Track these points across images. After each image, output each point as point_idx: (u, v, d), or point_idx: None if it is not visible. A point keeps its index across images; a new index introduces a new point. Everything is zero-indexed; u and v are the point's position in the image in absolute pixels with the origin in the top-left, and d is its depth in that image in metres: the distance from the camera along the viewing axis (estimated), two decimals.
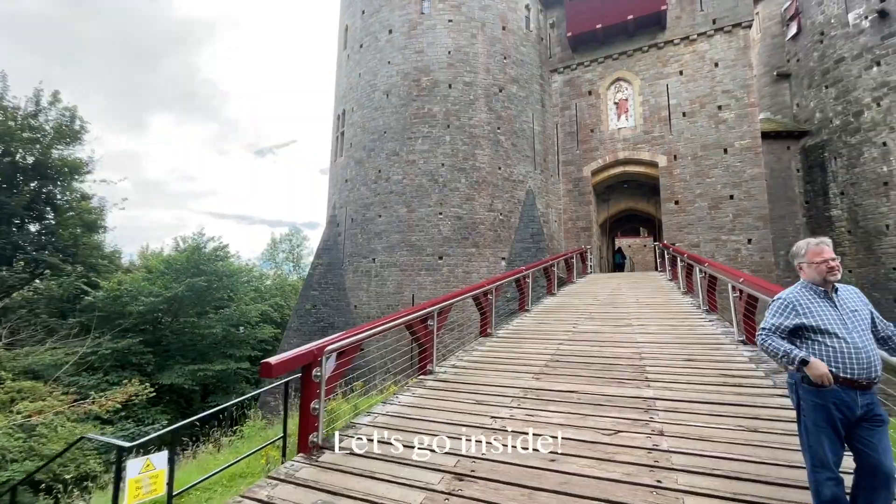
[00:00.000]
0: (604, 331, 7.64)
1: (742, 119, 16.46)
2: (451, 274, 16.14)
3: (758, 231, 15.90)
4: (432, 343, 6.24)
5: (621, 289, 11.78)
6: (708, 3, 17.28)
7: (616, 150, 18.46)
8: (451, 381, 5.69)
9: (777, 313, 2.69)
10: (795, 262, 2.85)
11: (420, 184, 16.94)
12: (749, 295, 6.11)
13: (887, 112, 17.91)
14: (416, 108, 17.48)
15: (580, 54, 19.46)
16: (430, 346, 6.22)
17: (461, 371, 6.09)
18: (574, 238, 18.81)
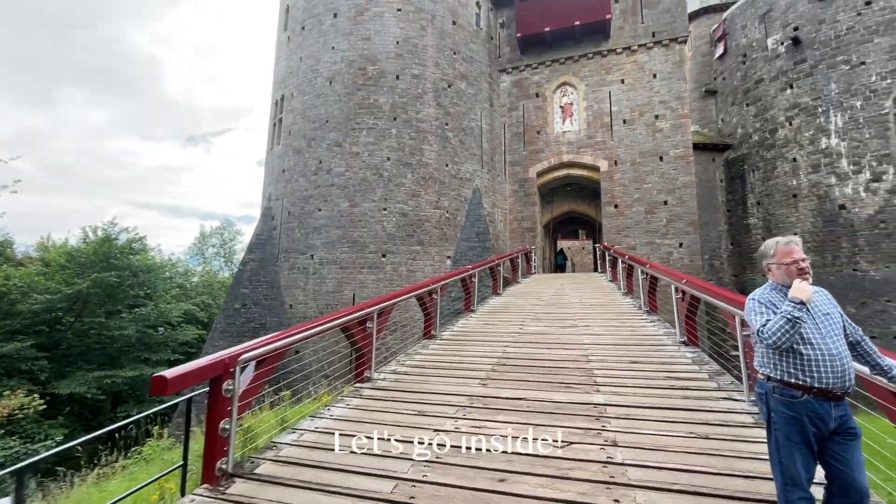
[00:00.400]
0: (550, 332, 7.46)
1: (676, 129, 17.34)
2: (395, 272, 15.54)
3: (688, 236, 16.82)
4: (371, 347, 5.67)
5: (565, 289, 11.83)
6: (648, 17, 18.04)
7: (561, 153, 18.79)
8: (391, 390, 5.17)
9: (760, 312, 2.45)
10: (764, 262, 2.64)
11: (364, 177, 16.16)
12: (692, 296, 6.14)
13: (798, 131, 19.72)
14: (362, 97, 16.68)
15: (529, 56, 19.61)
16: (368, 350, 5.65)
17: (402, 377, 5.58)
18: (519, 238, 18.91)
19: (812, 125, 19.22)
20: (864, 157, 17.87)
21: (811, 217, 19.07)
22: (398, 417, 4.31)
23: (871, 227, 17.55)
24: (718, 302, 4.91)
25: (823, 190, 18.76)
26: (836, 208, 18.34)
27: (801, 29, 19.74)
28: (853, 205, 17.97)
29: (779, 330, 2.26)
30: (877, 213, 17.47)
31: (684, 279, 6.40)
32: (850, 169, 18.15)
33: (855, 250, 17.76)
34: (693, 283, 5.88)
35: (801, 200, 19.45)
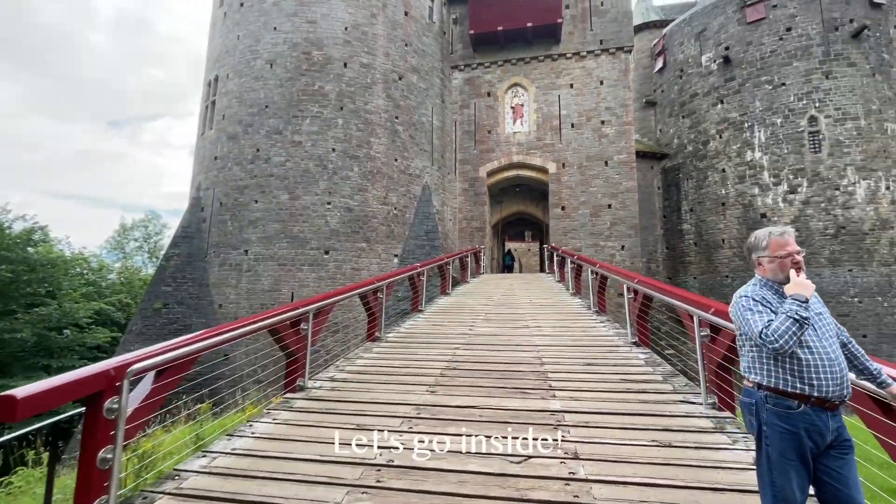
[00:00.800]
0: (501, 333, 7.13)
1: (621, 135, 17.90)
2: (339, 270, 14.67)
3: (630, 239, 17.40)
4: (305, 352, 5.00)
5: (514, 289, 11.66)
6: (597, 25, 18.51)
7: (511, 154, 18.80)
8: (327, 400, 4.54)
9: (759, 311, 2.13)
10: (754, 256, 2.35)
11: (306, 168, 15.14)
12: (645, 296, 6.03)
13: (727, 144, 21.14)
14: (306, 83, 15.63)
15: (481, 54, 19.46)
16: (302, 355, 4.97)
17: (341, 385, 4.96)
18: (468, 238, 18.67)
19: (739, 139, 20.68)
20: (783, 171, 19.47)
21: (737, 224, 20.49)
22: (333, 433, 3.71)
23: None
24: (676, 301, 4.76)
25: (748, 199, 20.23)
26: (759, 217, 19.83)
27: (731, 49, 21.20)
28: (773, 214, 19.51)
29: (786, 332, 1.95)
30: (792, 221, 19.05)
31: (636, 278, 6.30)
32: (770, 181, 19.69)
33: None
34: (647, 283, 5.76)
35: (729, 208, 20.86)
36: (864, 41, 19.19)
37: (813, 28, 19.53)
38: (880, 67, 19.12)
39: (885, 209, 18.23)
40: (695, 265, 22.11)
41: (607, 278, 8.27)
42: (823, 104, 19.10)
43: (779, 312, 2.05)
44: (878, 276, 17.85)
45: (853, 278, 17.95)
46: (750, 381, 2.21)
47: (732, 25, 21.30)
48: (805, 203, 18.89)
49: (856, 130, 18.68)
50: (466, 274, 13.49)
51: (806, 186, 18.96)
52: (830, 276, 18.16)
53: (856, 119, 18.74)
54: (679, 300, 4.75)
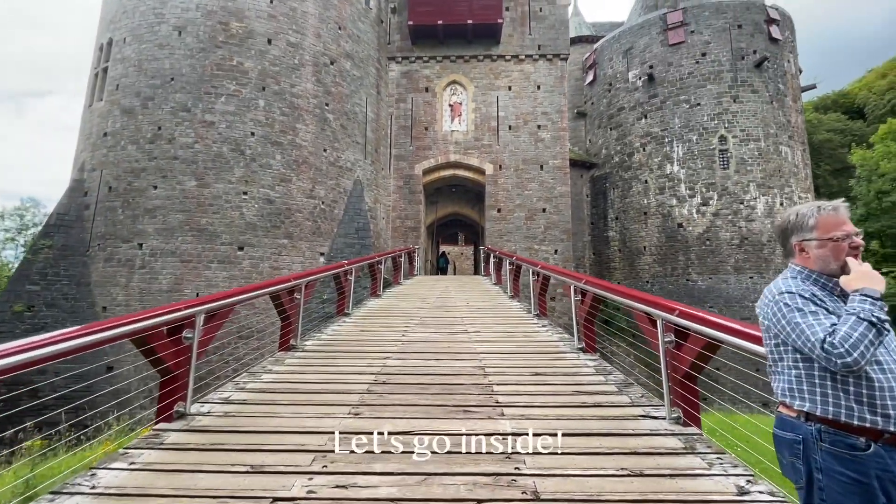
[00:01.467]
0: (438, 339, 6.35)
1: (556, 140, 18.10)
2: (255, 269, 13.05)
3: (562, 243, 17.59)
4: (189, 367, 3.84)
5: (450, 291, 10.99)
6: (536, 30, 18.62)
7: (448, 152, 18.26)
8: (215, 430, 3.45)
9: (813, 312, 1.54)
10: (794, 239, 1.78)
11: (219, 153, 13.34)
12: (594, 298, 5.59)
13: (649, 157, 22.37)
14: (222, 57, 13.84)
15: (420, 48, 18.75)
16: (184, 372, 3.81)
17: (237, 410, 3.86)
18: (402, 238, 17.79)
19: (660, 152, 21.97)
20: (697, 184, 20.95)
21: (657, 233, 21.69)
22: (216, 482, 2.68)
23: (699, 243, 20.56)
24: (635, 304, 4.27)
25: (667, 210, 21.51)
26: (676, 226, 21.15)
27: (655, 68, 22.53)
28: (688, 224, 20.90)
29: (861, 340, 1.36)
30: (704, 232, 20.54)
31: (584, 279, 5.85)
32: (686, 193, 21.10)
33: (688, 263, 20.62)
34: (598, 284, 5.31)
35: (650, 218, 22.05)
36: (765, 71, 21.30)
37: (724, 55, 21.31)
38: (777, 96, 21.32)
39: None
40: (619, 271, 23.10)
41: (549, 279, 7.85)
42: (732, 125, 20.87)
43: (844, 314, 1.47)
44: None
45: (754, 285, 19.68)
46: (791, 408, 1.62)
47: (656, 46, 22.67)
48: (715, 215, 20.45)
49: (757, 151, 20.62)
50: (399, 275, 12.58)
51: (716, 199, 20.54)
52: (735, 283, 19.77)
53: (757, 140, 20.69)
54: (639, 301, 4.27)
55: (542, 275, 7.77)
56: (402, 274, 12.73)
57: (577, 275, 6.10)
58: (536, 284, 8.02)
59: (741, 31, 21.50)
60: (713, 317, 3.23)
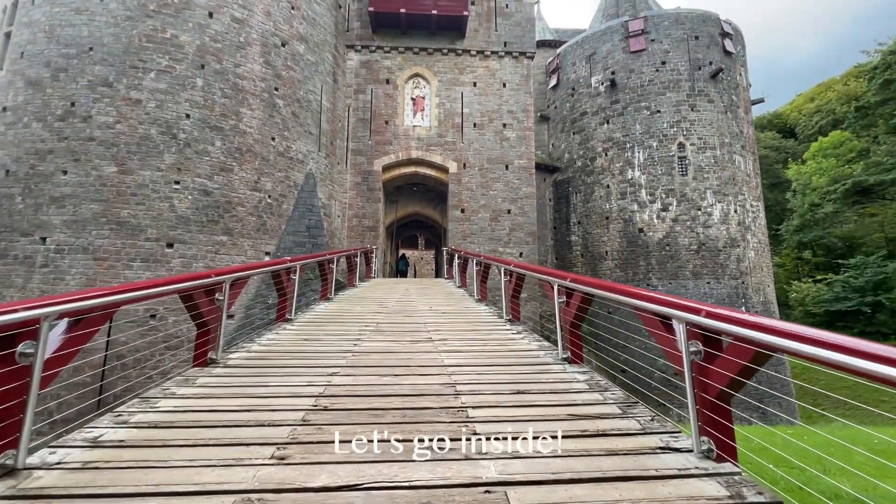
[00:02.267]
0: (398, 349, 5.29)
1: (521, 140, 17.53)
2: (188, 269, 11.39)
3: (528, 246, 16.97)
4: (27, 399, 2.60)
5: (411, 294, 9.93)
6: (502, 27, 18.06)
7: (410, 148, 17.23)
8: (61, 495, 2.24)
9: None
10: None
11: (147, 135, 11.62)
12: (583, 298, 4.74)
13: (611, 162, 22.37)
14: (152, 28, 12.15)
15: (381, 37, 17.68)
16: (18, 405, 2.57)
17: (104, 460, 2.63)
18: (359, 238, 16.52)
19: (622, 158, 22.02)
20: (657, 190, 21.09)
21: (618, 237, 21.64)
22: None
23: (660, 248, 20.65)
24: (643, 303, 3.41)
25: (628, 215, 21.52)
26: (637, 231, 21.18)
27: (617, 74, 22.64)
28: (649, 229, 20.97)
29: None
30: (664, 237, 20.66)
31: (569, 277, 4.99)
32: (647, 198, 21.19)
33: (649, 268, 20.65)
34: (591, 283, 4.45)
35: (612, 222, 22.00)
36: (720, 82, 21.89)
37: (682, 65, 21.71)
38: (730, 106, 21.95)
39: (734, 229, 20.74)
40: None
41: (524, 280, 6.98)
42: (689, 133, 21.22)
43: None
44: (728, 288, 20.11)
45: (711, 289, 19.95)
46: None
47: (618, 53, 22.81)
48: (675, 220, 20.64)
49: (713, 159, 21.06)
50: (354, 277, 11.36)
51: (675, 205, 20.75)
52: (693, 288, 19.96)
53: (713, 149, 21.14)
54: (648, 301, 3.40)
55: (516, 275, 6.90)
56: (358, 276, 11.51)
57: (559, 273, 5.24)
58: (509, 287, 7.13)
59: (698, 42, 22.02)
60: (759, 318, 2.39)
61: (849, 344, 1.94)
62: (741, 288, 20.24)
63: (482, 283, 9.20)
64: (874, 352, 1.83)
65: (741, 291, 20.20)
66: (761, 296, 20.89)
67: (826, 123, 54.59)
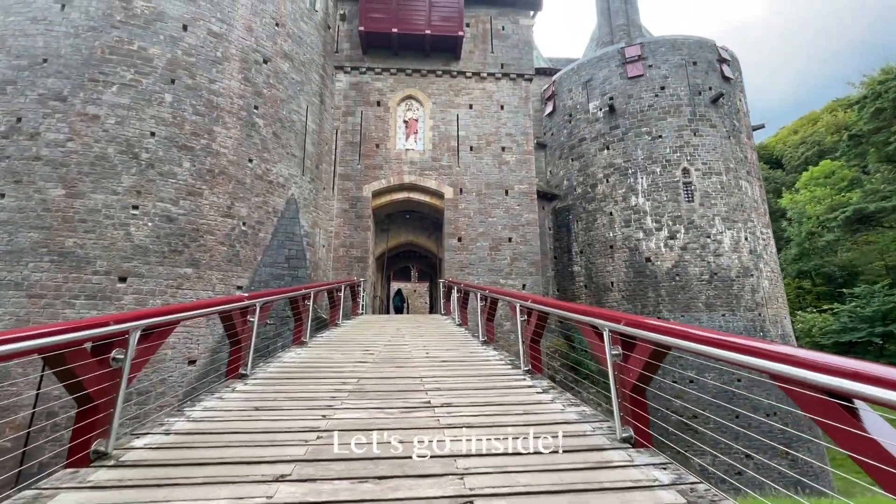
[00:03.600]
0: (384, 423, 3.74)
1: (522, 164, 16.46)
2: (142, 306, 9.77)
3: (531, 277, 15.54)
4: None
5: (403, 335, 8.37)
6: (498, 48, 17.35)
7: (402, 173, 16.03)
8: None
9: None
10: None
11: (103, 154, 10.25)
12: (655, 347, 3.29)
13: (613, 188, 21.38)
14: (118, 39, 11.02)
15: (372, 58, 16.82)
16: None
17: None
18: (346, 269, 15.01)
19: (624, 184, 21.05)
20: (663, 217, 20.01)
21: (624, 267, 20.34)
22: None
23: (669, 279, 19.35)
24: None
25: (633, 243, 20.32)
26: (644, 260, 19.92)
27: (615, 99, 22.01)
28: (656, 258, 19.73)
29: None
30: (673, 266, 19.41)
31: (623, 320, 3.55)
32: (653, 226, 20.07)
33: (658, 299, 19.26)
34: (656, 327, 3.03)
35: (617, 251, 20.76)
36: (721, 107, 21.31)
37: (682, 90, 21.16)
38: (733, 132, 21.28)
39: (746, 258, 19.58)
40: None
41: (546, 320, 5.50)
42: (694, 158, 20.39)
43: None
44: (745, 321, 18.72)
45: (726, 323, 18.54)
46: None
47: (616, 78, 22.29)
48: (683, 249, 19.45)
49: (720, 184, 20.15)
50: (337, 314, 9.78)
51: (683, 233, 19.62)
52: (708, 321, 18.53)
53: (719, 174, 20.27)
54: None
55: (537, 314, 5.42)
56: (342, 313, 9.93)
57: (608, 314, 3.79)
58: (527, 329, 5.64)
59: (696, 67, 21.59)
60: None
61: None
62: (758, 320, 18.87)
63: (488, 322, 7.69)
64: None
65: (758, 324, 18.82)
66: (779, 328, 19.50)
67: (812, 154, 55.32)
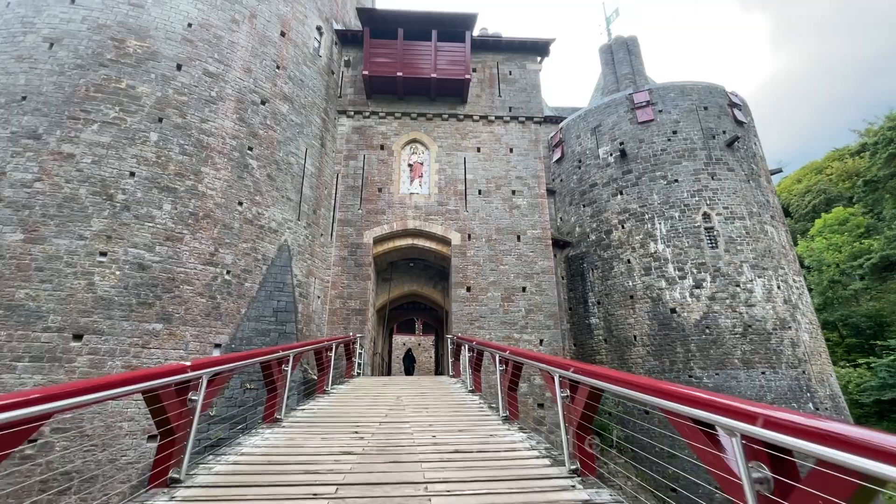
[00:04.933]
0: None
1: (534, 208, 15.38)
2: (98, 369, 8.30)
3: (549, 331, 13.93)
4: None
5: (404, 408, 6.79)
6: (506, 92, 16.89)
7: (406, 218, 14.96)
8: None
9: None
10: None
11: (73, 196, 9.24)
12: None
13: (630, 234, 20.19)
14: (105, 77, 10.39)
15: (376, 102, 16.33)
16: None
17: None
18: (342, 323, 13.53)
19: (641, 230, 19.87)
20: (686, 264, 18.61)
21: (648, 319, 18.67)
22: None
23: (698, 332, 17.60)
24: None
25: (656, 292, 18.78)
26: (669, 311, 18.28)
27: (626, 144, 21.39)
28: (682, 309, 18.10)
29: None
30: (702, 318, 17.73)
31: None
32: (676, 274, 18.62)
33: (688, 355, 17.41)
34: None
35: (638, 302, 19.17)
36: (737, 151, 20.56)
37: (695, 134, 20.53)
38: (752, 175, 20.37)
39: (781, 308, 17.91)
40: (606, 365, 19.48)
41: (600, 398, 4.00)
42: (713, 202, 19.33)
43: None
44: (788, 380, 16.72)
45: (767, 381, 16.55)
46: None
47: (625, 124, 21.82)
48: (711, 298, 17.87)
49: (744, 229, 18.91)
50: (326, 378, 8.22)
51: (710, 281, 18.12)
52: (746, 380, 16.57)
53: (742, 219, 19.09)
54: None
55: (587, 389, 3.94)
56: (330, 379, 8.34)
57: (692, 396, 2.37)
58: (573, 411, 4.11)
59: (708, 112, 21.10)
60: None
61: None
62: (802, 379, 16.87)
63: (510, 392, 6.13)
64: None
65: (803, 383, 16.80)
66: (826, 388, 17.42)
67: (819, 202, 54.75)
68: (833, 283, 41.99)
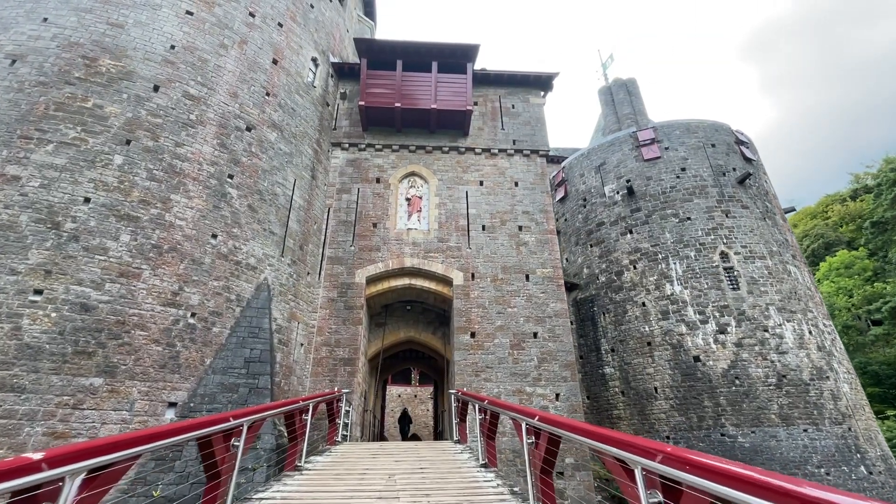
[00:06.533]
0: None
1: (543, 245, 14.08)
2: (10, 441, 6.56)
3: (566, 384, 12.15)
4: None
5: (398, 495, 5.08)
6: (509, 125, 16.10)
7: (403, 255, 13.57)
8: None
9: None
10: None
11: (11, 223, 7.86)
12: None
13: (643, 275, 18.83)
14: (69, 96, 9.34)
15: (373, 135, 15.43)
16: None
17: None
18: (329, 375, 11.75)
19: (655, 270, 18.54)
20: (707, 307, 17.12)
21: (669, 369, 16.88)
22: None
23: (727, 382, 15.81)
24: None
25: (676, 339, 17.13)
26: (692, 360, 16.55)
27: (632, 182, 20.54)
28: (707, 357, 16.39)
29: None
30: (730, 367, 16.00)
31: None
32: (697, 318, 17.08)
33: (718, 410, 15.50)
34: None
35: (656, 349, 17.47)
36: (749, 188, 19.70)
37: (705, 171, 19.75)
38: (767, 213, 19.38)
39: (816, 356, 16.25)
40: (626, 421, 17.44)
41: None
42: (731, 240, 18.17)
43: None
44: (834, 438, 14.76)
45: (811, 441, 14.58)
46: None
47: (631, 161, 21.10)
48: (738, 345, 16.23)
49: (766, 269, 17.62)
50: (299, 447, 6.47)
51: (735, 326, 16.56)
52: (788, 440, 14.59)
53: (763, 258, 17.86)
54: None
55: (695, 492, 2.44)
56: (304, 449, 6.56)
57: None
58: None
59: (715, 149, 20.46)
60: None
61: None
62: (849, 436, 14.92)
63: (543, 477, 4.46)
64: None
65: (850, 441, 14.83)
66: (876, 448, 15.42)
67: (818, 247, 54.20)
68: (847, 328, 40.35)
